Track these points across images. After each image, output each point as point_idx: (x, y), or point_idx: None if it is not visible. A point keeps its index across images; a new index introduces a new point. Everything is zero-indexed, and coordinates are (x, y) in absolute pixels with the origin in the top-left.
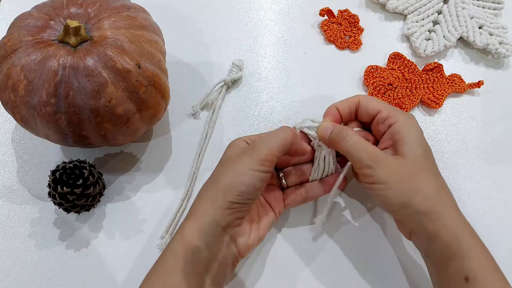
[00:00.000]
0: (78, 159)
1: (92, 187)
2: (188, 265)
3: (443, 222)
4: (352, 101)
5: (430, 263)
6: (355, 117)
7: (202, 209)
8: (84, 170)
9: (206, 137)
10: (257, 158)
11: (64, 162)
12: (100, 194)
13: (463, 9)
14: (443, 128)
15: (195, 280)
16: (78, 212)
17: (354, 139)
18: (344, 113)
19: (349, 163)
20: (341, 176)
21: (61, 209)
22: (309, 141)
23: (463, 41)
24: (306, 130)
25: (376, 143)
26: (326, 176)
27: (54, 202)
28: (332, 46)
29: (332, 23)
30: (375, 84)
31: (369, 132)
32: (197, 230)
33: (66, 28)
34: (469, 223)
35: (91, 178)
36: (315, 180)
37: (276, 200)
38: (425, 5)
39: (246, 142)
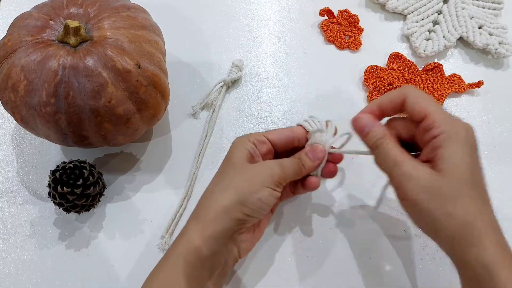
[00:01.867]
0: (78, 159)
1: (92, 187)
2: (194, 271)
3: (475, 252)
4: (396, 96)
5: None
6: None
7: (212, 215)
8: (84, 170)
9: (206, 137)
10: (276, 179)
11: (64, 162)
12: (100, 194)
13: (463, 9)
14: None
15: (199, 285)
16: (78, 212)
17: (390, 144)
18: (387, 109)
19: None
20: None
21: (61, 209)
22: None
23: (463, 41)
24: (303, 123)
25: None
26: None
27: (54, 202)
28: (332, 46)
29: (332, 23)
30: (375, 84)
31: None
32: (206, 237)
33: (66, 28)
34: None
35: (91, 178)
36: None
37: None
38: (425, 5)
39: (254, 143)
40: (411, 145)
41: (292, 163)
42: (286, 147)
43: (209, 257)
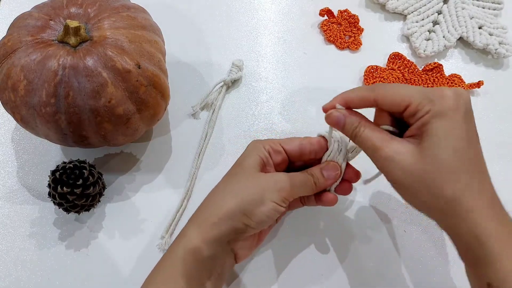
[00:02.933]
0: (78, 159)
1: (92, 187)
2: (193, 272)
3: (466, 226)
4: (367, 95)
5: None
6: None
7: (213, 219)
8: (84, 170)
9: (206, 137)
10: (284, 194)
11: (64, 162)
12: (100, 194)
13: (463, 9)
14: None
15: (198, 286)
16: (78, 212)
17: (366, 130)
18: (354, 105)
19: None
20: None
21: (61, 209)
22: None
23: (463, 41)
24: (326, 135)
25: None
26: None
27: (54, 202)
28: (332, 46)
29: (332, 23)
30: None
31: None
32: (206, 240)
33: (66, 28)
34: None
35: (91, 178)
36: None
37: None
38: (425, 5)
39: (269, 152)
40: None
41: (304, 180)
42: (301, 158)
43: (208, 259)
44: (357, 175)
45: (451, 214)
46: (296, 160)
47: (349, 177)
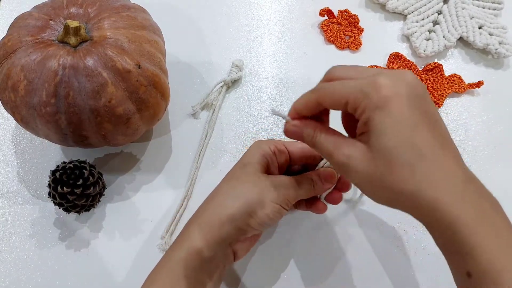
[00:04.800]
0: (78, 159)
1: (92, 187)
2: (195, 274)
3: (434, 216)
4: (308, 99)
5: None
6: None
7: (216, 221)
8: (84, 170)
9: (206, 137)
10: (288, 197)
11: (64, 162)
12: (100, 194)
13: (463, 9)
14: None
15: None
16: (78, 212)
17: (321, 137)
18: (305, 113)
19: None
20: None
21: (61, 209)
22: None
23: (463, 41)
24: None
25: None
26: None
27: (54, 202)
28: (332, 46)
29: (332, 23)
30: None
31: None
32: (208, 242)
33: (66, 28)
34: (488, 197)
35: (91, 178)
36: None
37: None
38: (425, 5)
39: (274, 152)
40: None
41: (306, 184)
42: (301, 161)
43: (209, 260)
44: (347, 185)
45: (417, 207)
46: (296, 163)
47: (339, 187)
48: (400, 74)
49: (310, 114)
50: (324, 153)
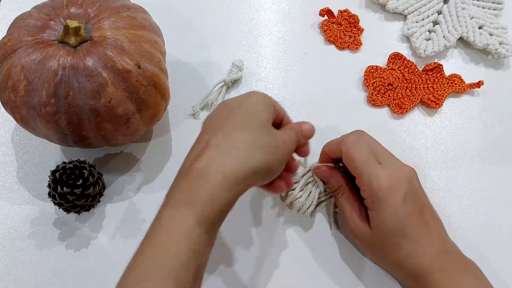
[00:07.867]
0: (78, 159)
1: (92, 187)
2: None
3: (412, 277)
4: (334, 151)
5: None
6: None
7: (241, 174)
8: (84, 170)
9: None
10: (294, 148)
11: (64, 162)
12: (100, 194)
13: (463, 9)
14: (443, 129)
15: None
16: (78, 212)
17: (343, 198)
18: (332, 158)
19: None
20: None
21: (61, 209)
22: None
23: (463, 41)
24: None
25: None
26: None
27: (54, 202)
28: (332, 46)
29: (332, 23)
30: (375, 84)
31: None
32: (206, 231)
33: (66, 28)
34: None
35: (91, 178)
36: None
37: None
38: (425, 5)
39: (275, 109)
40: None
41: (297, 135)
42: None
43: (204, 248)
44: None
45: (401, 273)
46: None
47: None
48: (400, 173)
49: (336, 157)
50: (341, 211)
